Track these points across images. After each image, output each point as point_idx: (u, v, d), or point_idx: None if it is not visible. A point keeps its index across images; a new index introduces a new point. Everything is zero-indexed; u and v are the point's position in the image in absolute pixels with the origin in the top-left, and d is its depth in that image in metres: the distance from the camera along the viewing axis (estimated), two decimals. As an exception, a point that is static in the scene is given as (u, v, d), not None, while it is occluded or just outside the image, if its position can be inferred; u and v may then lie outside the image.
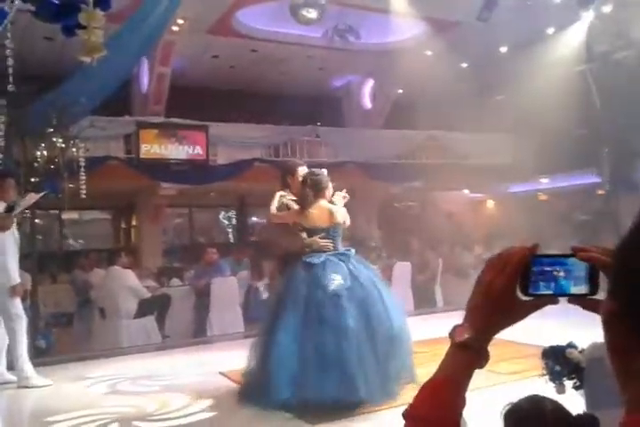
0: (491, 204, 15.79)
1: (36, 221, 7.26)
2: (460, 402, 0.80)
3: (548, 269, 0.78)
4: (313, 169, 4.72)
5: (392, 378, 4.05)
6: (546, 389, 2.24)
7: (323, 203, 4.46)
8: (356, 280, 4.20)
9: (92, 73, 7.08)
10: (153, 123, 10.59)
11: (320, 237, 4.39)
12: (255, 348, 4.28)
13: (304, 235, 4.45)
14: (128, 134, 10.38)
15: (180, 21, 10.29)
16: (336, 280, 4.12)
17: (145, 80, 11.86)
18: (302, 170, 4.81)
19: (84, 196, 7.23)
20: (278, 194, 4.77)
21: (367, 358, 3.94)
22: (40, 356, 6.02)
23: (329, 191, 4.54)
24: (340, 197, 4.59)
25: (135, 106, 12.27)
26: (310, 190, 4.45)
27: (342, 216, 4.46)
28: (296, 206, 4.58)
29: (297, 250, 4.41)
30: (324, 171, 4.70)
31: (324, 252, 4.33)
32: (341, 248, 4.47)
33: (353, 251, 4.52)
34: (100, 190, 9.85)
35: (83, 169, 7.34)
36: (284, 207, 4.67)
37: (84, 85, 7.02)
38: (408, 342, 4.32)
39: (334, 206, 4.48)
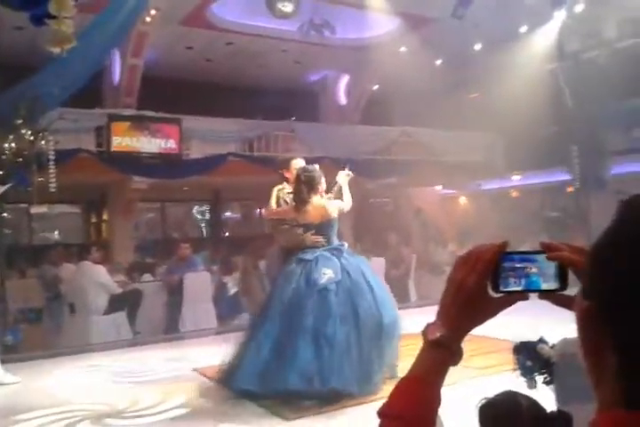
0: (463, 200, 15.95)
1: (4, 215, 7.09)
2: (435, 400, 0.80)
3: (519, 265, 0.78)
4: (306, 165, 4.80)
5: (375, 371, 4.08)
6: (518, 383, 2.26)
7: (316, 199, 4.53)
8: (346, 273, 4.28)
9: (63, 64, 6.94)
10: (125, 115, 10.41)
11: (314, 233, 4.48)
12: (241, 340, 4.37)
13: (300, 231, 4.54)
14: (99, 127, 10.19)
15: (153, 12, 10.13)
16: (327, 274, 4.22)
17: (117, 72, 11.67)
18: (296, 163, 4.89)
19: (53, 189, 7.10)
20: (275, 189, 4.91)
21: (349, 350, 3.99)
22: (8, 352, 5.90)
23: (322, 186, 4.62)
24: (344, 175, 4.73)
25: (107, 98, 12.06)
26: (304, 187, 4.54)
27: (336, 210, 4.55)
28: (289, 199, 4.74)
29: (293, 246, 4.54)
30: (317, 166, 4.76)
31: (318, 247, 4.43)
32: (336, 242, 4.54)
33: (346, 245, 4.62)
34: (71, 184, 9.66)
35: (52, 162, 7.20)
36: (281, 202, 4.82)
37: (55, 77, 6.86)
38: (398, 336, 4.37)
39: (327, 202, 4.58)
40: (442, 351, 0.81)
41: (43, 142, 7.16)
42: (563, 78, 11.58)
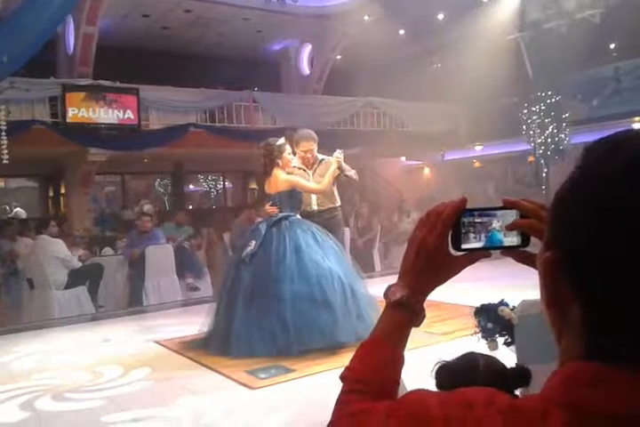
0: (427, 171, 16.06)
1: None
2: (397, 361, 0.79)
3: (478, 220, 0.76)
4: (268, 139, 5.00)
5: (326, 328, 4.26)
6: (479, 347, 2.29)
7: (275, 171, 4.82)
8: (270, 244, 4.55)
9: (11, 32, 6.64)
10: (80, 85, 10.05)
11: (271, 204, 4.82)
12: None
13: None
14: (54, 97, 9.84)
15: (108, -23, 9.74)
16: (250, 246, 4.59)
17: (71, 40, 11.23)
18: (274, 141, 4.95)
19: (6, 161, 6.86)
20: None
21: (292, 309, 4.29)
22: (-36, 330, 5.76)
23: (284, 160, 4.85)
24: (334, 158, 4.97)
25: (61, 68, 11.63)
26: (264, 159, 4.85)
27: (285, 184, 4.77)
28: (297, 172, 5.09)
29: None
30: (281, 140, 4.93)
31: (273, 217, 4.74)
32: (287, 213, 4.76)
33: (293, 215, 4.78)
34: (26, 157, 9.37)
35: (4, 133, 6.94)
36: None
37: (5, 44, 6.56)
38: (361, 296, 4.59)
39: (281, 175, 4.81)
40: (404, 312, 0.79)
41: (-7, 113, 6.90)
42: (524, 48, 11.63)
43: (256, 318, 4.34)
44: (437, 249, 0.77)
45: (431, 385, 1.29)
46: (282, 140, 4.91)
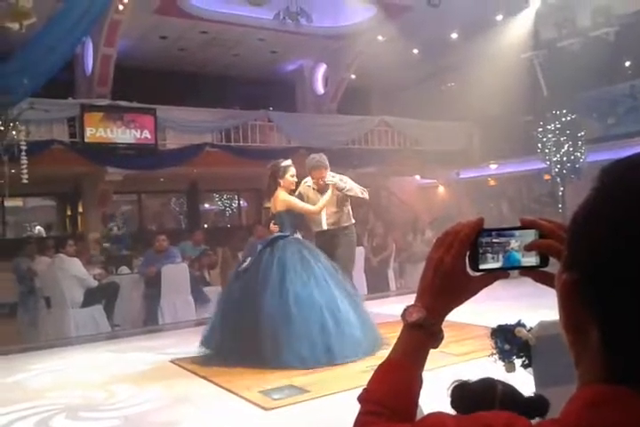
0: (441, 190, 16.02)
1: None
2: (415, 383, 0.78)
3: (496, 241, 0.76)
4: (276, 160, 5.18)
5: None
6: (496, 368, 2.26)
7: (277, 191, 5.00)
8: (260, 263, 4.74)
9: (31, 53, 6.79)
10: (98, 105, 10.23)
11: (273, 223, 5.05)
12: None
13: None
14: (72, 118, 10.01)
15: (126, 0, 9.94)
16: (245, 263, 4.88)
17: (90, 61, 11.45)
18: (280, 162, 5.13)
19: (25, 181, 6.96)
20: (303, 182, 5.44)
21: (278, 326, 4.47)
22: (-19, 348, 5.79)
23: (286, 181, 4.99)
24: (329, 180, 5.16)
25: (79, 88, 11.85)
26: (269, 179, 5.04)
27: (282, 205, 4.96)
28: (311, 194, 5.34)
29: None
30: (287, 162, 5.08)
31: (271, 236, 4.99)
32: (286, 232, 4.93)
33: (289, 235, 4.94)
34: (44, 176, 9.50)
35: (24, 153, 7.05)
36: (299, 196, 5.29)
37: (23, 66, 6.71)
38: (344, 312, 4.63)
39: (281, 195, 4.98)
40: (421, 333, 0.79)
41: (14, 133, 7.02)
42: (538, 67, 11.65)
43: (241, 331, 4.58)
44: (455, 269, 0.76)
45: (447, 406, 1.27)
46: (288, 162, 5.07)
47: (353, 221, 5.51)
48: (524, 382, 1.81)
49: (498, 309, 5.51)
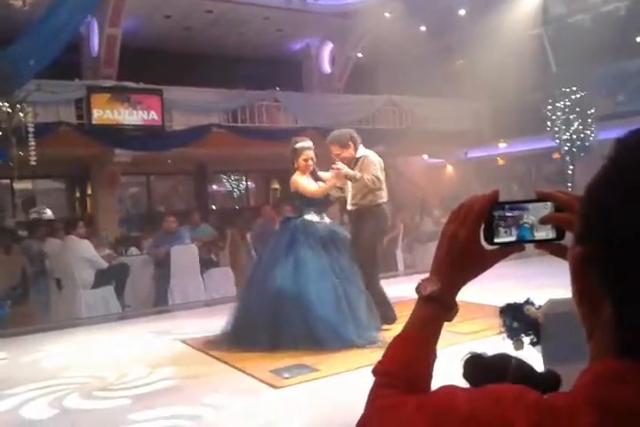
0: (450, 169, 15.94)
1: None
2: (429, 355, 0.79)
3: (511, 215, 0.75)
4: (295, 138, 5.17)
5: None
6: (505, 347, 2.26)
7: (295, 173, 4.95)
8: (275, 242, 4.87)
9: (37, 34, 6.75)
10: (104, 87, 10.20)
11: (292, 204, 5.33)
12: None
13: None
14: (79, 99, 9.99)
15: (130, -21, 9.85)
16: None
17: (95, 42, 11.39)
18: (295, 142, 5.07)
19: (33, 163, 6.97)
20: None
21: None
22: (-6, 329, 5.87)
23: (300, 164, 4.90)
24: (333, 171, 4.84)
25: (86, 70, 11.80)
26: (289, 162, 5.01)
27: (293, 186, 4.92)
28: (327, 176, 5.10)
29: None
30: (302, 143, 4.98)
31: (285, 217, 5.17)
32: (299, 214, 4.94)
33: (302, 217, 4.88)
34: (52, 158, 9.52)
35: (32, 135, 7.06)
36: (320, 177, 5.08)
37: (29, 48, 6.68)
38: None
39: (294, 177, 4.91)
40: (436, 306, 0.78)
41: (21, 114, 7.02)
42: (547, 43, 11.48)
43: (257, 313, 4.62)
44: (469, 243, 0.76)
45: (457, 384, 1.28)
46: (302, 144, 4.94)
47: (382, 200, 5.10)
48: (532, 359, 1.81)
49: (506, 288, 5.51)
